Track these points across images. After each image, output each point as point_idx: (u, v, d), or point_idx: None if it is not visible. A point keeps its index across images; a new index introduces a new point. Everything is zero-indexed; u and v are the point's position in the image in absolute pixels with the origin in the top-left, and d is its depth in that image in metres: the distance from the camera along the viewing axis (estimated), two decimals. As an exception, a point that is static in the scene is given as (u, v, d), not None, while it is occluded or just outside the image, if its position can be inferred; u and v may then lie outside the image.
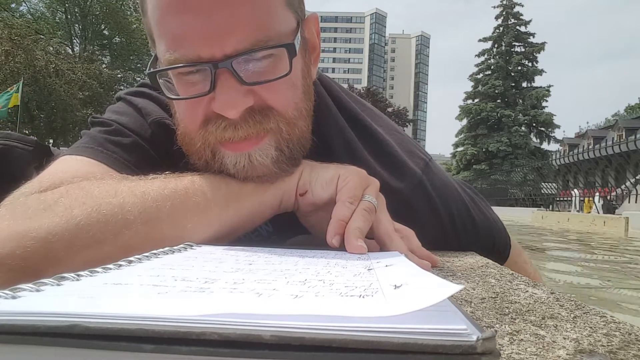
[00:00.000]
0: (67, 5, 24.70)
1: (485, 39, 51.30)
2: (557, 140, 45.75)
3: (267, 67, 0.54)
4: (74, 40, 25.88)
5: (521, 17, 50.25)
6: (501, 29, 50.35)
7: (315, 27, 0.64)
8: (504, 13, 50.83)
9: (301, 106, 0.58)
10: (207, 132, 0.55)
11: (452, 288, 0.25)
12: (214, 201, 0.54)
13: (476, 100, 50.01)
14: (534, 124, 47.26)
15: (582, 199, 19.34)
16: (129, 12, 25.18)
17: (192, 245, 0.48)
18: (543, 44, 48.85)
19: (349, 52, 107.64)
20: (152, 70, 0.56)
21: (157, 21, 0.54)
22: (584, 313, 0.38)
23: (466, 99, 51.38)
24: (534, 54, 48.68)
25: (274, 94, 0.55)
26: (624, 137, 25.77)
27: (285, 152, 0.57)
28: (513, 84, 49.45)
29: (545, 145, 48.38)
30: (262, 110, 0.55)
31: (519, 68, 49.21)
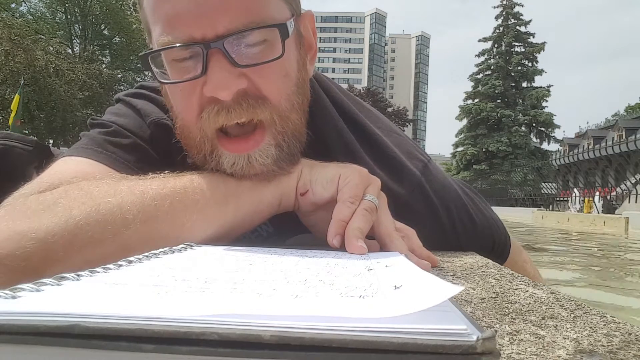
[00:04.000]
0: (67, 5, 24.67)
1: (485, 39, 51.30)
2: (557, 140, 45.72)
3: (260, 52, 0.54)
4: (74, 40, 25.84)
5: (521, 17, 50.24)
6: (501, 29, 50.34)
7: (311, 25, 0.64)
8: (504, 13, 50.82)
9: (294, 99, 0.58)
10: (202, 120, 0.55)
11: (452, 290, 0.25)
12: (212, 199, 0.54)
13: (476, 100, 49.99)
14: (534, 124, 47.24)
15: (582, 199, 19.36)
16: (129, 12, 25.12)
17: (192, 246, 0.48)
18: (543, 44, 48.84)
19: (349, 52, 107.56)
20: (144, 52, 0.56)
21: (152, 8, 0.54)
22: (584, 313, 0.38)
23: (466, 99, 51.38)
24: (534, 54, 48.67)
25: (266, 79, 0.55)
26: (624, 137, 25.77)
27: (284, 147, 0.57)
28: (513, 84, 49.45)
29: (545, 145, 48.44)
30: (255, 98, 0.55)
31: (519, 68, 49.19)
